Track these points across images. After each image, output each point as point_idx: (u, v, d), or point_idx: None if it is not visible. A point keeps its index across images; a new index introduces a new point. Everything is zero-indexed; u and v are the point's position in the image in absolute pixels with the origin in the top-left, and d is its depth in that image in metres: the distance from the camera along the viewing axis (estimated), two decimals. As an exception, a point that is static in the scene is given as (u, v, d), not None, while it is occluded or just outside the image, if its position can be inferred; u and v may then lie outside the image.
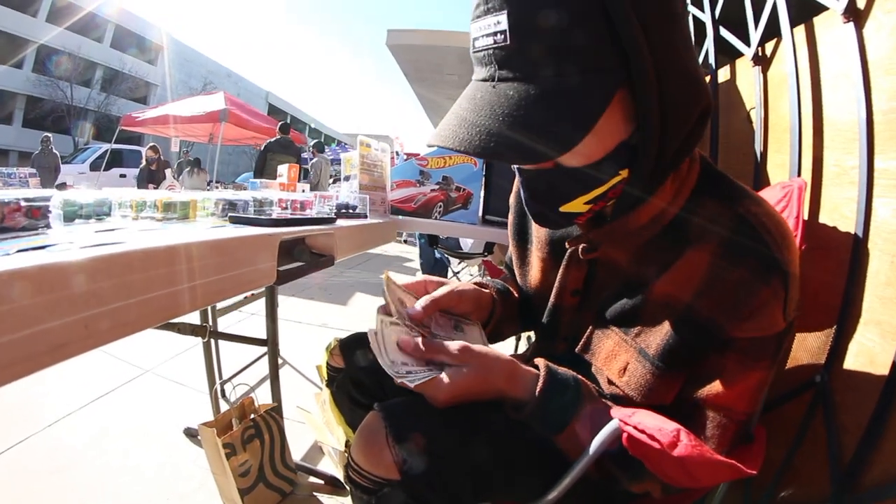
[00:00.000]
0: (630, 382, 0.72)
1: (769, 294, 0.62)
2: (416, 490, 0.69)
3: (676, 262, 0.69)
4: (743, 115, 1.60)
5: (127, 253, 0.47)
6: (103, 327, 0.44)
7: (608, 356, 0.76)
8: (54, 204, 0.66)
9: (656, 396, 0.71)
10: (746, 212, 0.65)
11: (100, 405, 2.16)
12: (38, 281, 0.39)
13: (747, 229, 0.64)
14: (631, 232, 0.73)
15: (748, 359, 0.66)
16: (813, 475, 1.07)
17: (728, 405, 0.67)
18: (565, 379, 0.73)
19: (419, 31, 7.73)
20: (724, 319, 0.64)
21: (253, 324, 3.34)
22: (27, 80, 23.22)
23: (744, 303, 0.62)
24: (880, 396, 0.91)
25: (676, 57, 0.59)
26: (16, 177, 1.47)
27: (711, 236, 0.66)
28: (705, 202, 0.69)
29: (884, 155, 0.99)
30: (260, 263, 0.74)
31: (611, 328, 0.76)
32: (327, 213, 1.19)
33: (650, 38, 0.54)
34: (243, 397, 1.63)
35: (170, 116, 9.25)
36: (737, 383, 0.67)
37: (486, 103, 0.59)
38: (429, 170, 1.73)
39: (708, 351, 0.67)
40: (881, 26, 1.02)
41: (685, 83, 0.60)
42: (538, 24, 0.53)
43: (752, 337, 0.64)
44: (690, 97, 0.62)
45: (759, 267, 0.62)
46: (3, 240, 0.56)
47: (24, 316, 0.38)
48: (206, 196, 0.97)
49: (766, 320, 0.63)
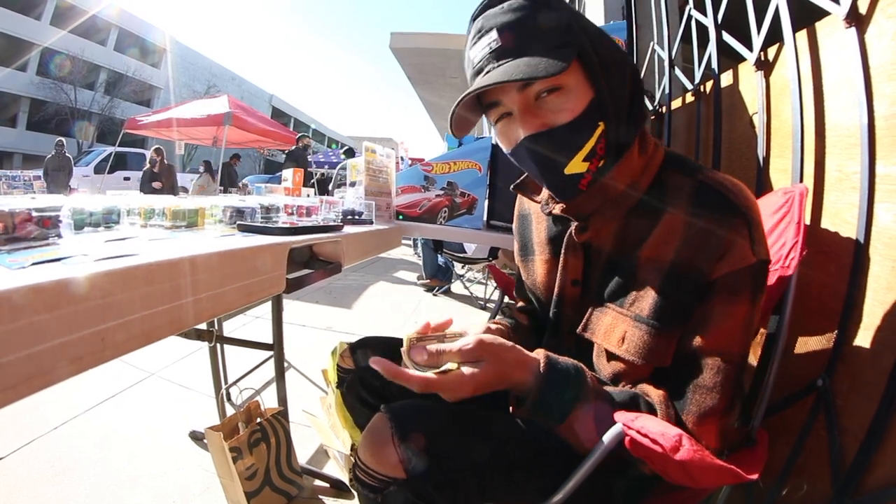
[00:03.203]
0: (629, 348, 0.79)
1: (734, 232, 0.72)
2: (422, 489, 0.72)
3: (655, 229, 0.79)
4: (746, 120, 1.60)
5: (140, 266, 0.48)
6: (119, 339, 0.45)
7: (607, 330, 0.83)
8: (64, 213, 0.67)
9: (655, 356, 0.77)
10: (704, 177, 0.78)
11: (105, 408, 2.18)
12: (56, 295, 0.40)
13: (708, 189, 0.77)
14: (613, 200, 0.83)
15: (730, 296, 0.73)
16: (815, 477, 1.07)
17: (722, 348, 0.74)
18: (566, 368, 0.76)
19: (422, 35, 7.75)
20: (703, 264, 0.74)
21: (258, 327, 3.35)
22: (31, 82, 23.31)
23: (715, 244, 0.73)
24: (881, 400, 0.92)
25: (602, 41, 0.77)
26: (20, 179, 1.47)
27: (681, 200, 0.78)
28: (671, 175, 0.82)
29: (885, 160, 0.99)
30: (269, 273, 0.75)
31: (607, 306, 0.84)
32: (333, 219, 1.20)
33: (585, 29, 0.75)
34: (249, 401, 1.64)
35: (173, 120, 9.24)
36: (725, 324, 0.74)
37: (496, 70, 0.74)
38: (433, 175, 1.73)
39: (695, 300, 0.75)
40: (883, 31, 1.02)
41: (611, 54, 0.77)
42: (517, 28, 0.73)
43: (727, 273, 0.73)
44: (618, 61, 0.78)
45: (721, 212, 0.74)
46: (16, 250, 0.57)
47: (43, 330, 0.39)
48: (213, 203, 0.98)
49: (737, 255, 0.72)
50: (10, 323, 0.37)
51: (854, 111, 1.07)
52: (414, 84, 9.37)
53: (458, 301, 4.92)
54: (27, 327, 0.38)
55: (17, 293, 0.37)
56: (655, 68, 2.65)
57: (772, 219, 1.02)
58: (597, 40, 0.76)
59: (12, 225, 0.61)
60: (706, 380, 0.73)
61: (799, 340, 1.17)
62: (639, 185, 0.82)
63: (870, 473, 0.94)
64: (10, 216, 0.61)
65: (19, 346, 0.37)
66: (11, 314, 0.37)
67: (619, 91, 0.77)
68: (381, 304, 4.59)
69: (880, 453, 0.93)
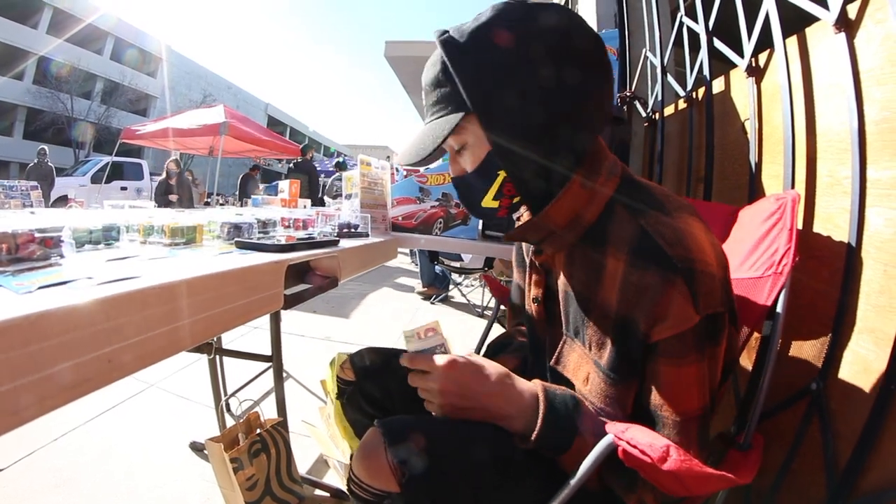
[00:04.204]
0: (592, 391, 0.79)
1: (673, 291, 0.67)
2: (416, 501, 0.74)
3: (604, 270, 0.76)
4: (738, 126, 1.61)
5: (144, 290, 0.50)
6: (125, 360, 0.47)
7: (575, 367, 0.84)
8: (66, 234, 0.68)
9: (615, 404, 0.76)
10: (646, 223, 0.73)
11: (106, 419, 2.17)
12: (64, 321, 0.41)
13: (647, 239, 0.71)
14: (556, 231, 0.83)
15: (675, 358, 0.70)
16: (809, 481, 1.08)
17: (678, 407, 0.71)
18: (563, 400, 0.79)
19: (417, 43, 7.75)
20: (643, 323, 0.70)
21: (256, 337, 3.34)
22: (28, 91, 23.28)
23: (654, 303, 0.69)
24: (875, 403, 0.93)
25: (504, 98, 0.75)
26: (17, 189, 1.47)
27: (622, 245, 0.74)
28: (618, 212, 0.79)
29: (876, 165, 1.00)
30: (268, 290, 0.76)
31: (575, 341, 0.84)
32: (329, 232, 1.21)
33: (488, 86, 0.75)
34: (249, 412, 1.64)
35: (170, 129, 9.14)
36: (675, 385, 0.71)
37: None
38: (428, 187, 1.75)
39: (642, 359, 0.72)
40: (872, 37, 1.03)
41: (512, 114, 0.76)
42: (430, 89, 0.84)
43: (669, 336, 0.69)
44: (531, 108, 0.75)
45: (659, 270, 0.69)
46: (20, 272, 0.58)
47: (53, 354, 0.40)
48: (211, 219, 0.99)
49: (677, 317, 0.68)
50: (21, 348, 0.38)
51: (844, 116, 1.08)
52: (409, 92, 9.36)
53: (455, 309, 4.91)
54: (38, 352, 0.39)
55: (27, 320, 0.38)
56: (648, 75, 2.66)
57: (764, 225, 1.03)
58: (507, 88, 0.75)
59: (15, 245, 0.62)
60: (671, 436, 0.71)
61: (793, 345, 1.18)
62: (584, 218, 0.81)
63: (864, 476, 0.95)
64: (13, 237, 0.62)
65: (31, 370, 0.39)
66: (23, 340, 0.38)
67: (530, 140, 0.77)
68: (379, 313, 4.58)
69: (874, 456, 0.94)
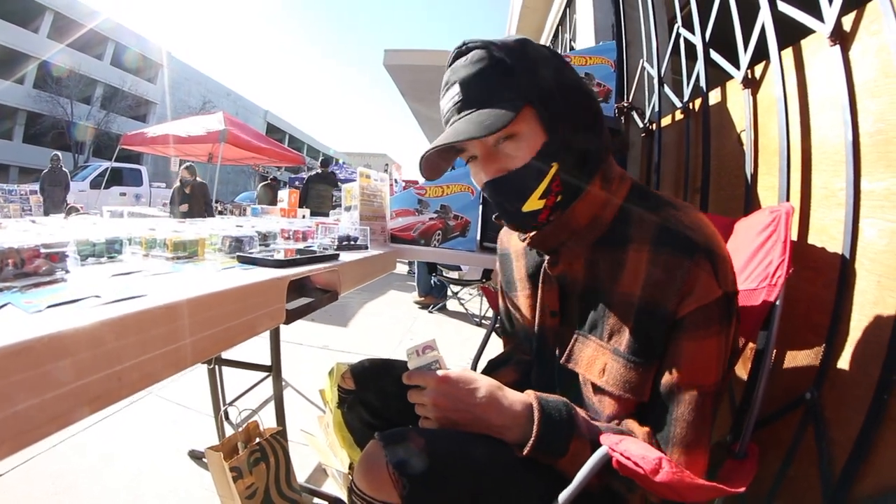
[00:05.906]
0: (609, 380, 0.83)
1: (696, 267, 0.75)
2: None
3: (624, 266, 0.82)
4: (734, 138, 1.63)
5: (151, 310, 0.51)
6: (134, 378, 0.48)
7: (589, 361, 0.87)
8: (70, 249, 0.69)
9: (635, 389, 0.80)
10: (665, 217, 0.81)
11: (105, 426, 2.17)
12: (76, 341, 0.43)
13: (667, 228, 0.79)
14: (578, 233, 0.88)
15: (699, 331, 0.76)
16: (806, 487, 1.09)
17: (697, 381, 0.76)
18: (557, 406, 0.81)
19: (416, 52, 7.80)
20: (669, 302, 0.76)
21: (255, 346, 3.32)
22: (28, 95, 23.23)
23: (679, 280, 0.75)
24: (868, 411, 0.94)
25: (560, 87, 0.81)
26: (17, 193, 1.48)
27: (644, 237, 0.81)
28: (635, 209, 0.85)
29: (870, 176, 1.01)
30: (270, 306, 0.78)
31: (589, 337, 0.88)
32: (329, 244, 1.22)
33: (540, 79, 0.79)
34: (248, 421, 1.65)
35: (169, 136, 9.08)
36: (698, 358, 0.77)
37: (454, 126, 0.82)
38: (427, 199, 1.77)
39: (666, 338, 0.78)
40: (867, 49, 1.04)
41: (569, 98, 0.81)
42: (474, 83, 0.80)
43: (694, 309, 0.75)
44: (576, 103, 0.82)
45: (681, 249, 0.76)
46: (27, 287, 0.59)
47: (64, 374, 0.41)
48: (212, 232, 1.00)
49: (703, 290, 0.75)
50: (33, 369, 0.39)
51: (839, 128, 1.10)
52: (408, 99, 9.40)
53: (453, 318, 4.92)
54: (49, 372, 0.40)
55: (39, 342, 0.39)
56: (645, 85, 2.68)
57: (758, 238, 1.04)
58: (554, 87, 0.80)
59: (21, 261, 0.63)
60: (686, 414, 0.76)
61: (787, 355, 1.19)
62: (602, 219, 0.87)
63: (859, 484, 0.96)
64: (19, 252, 0.63)
65: (42, 391, 0.40)
66: (35, 361, 0.39)
67: (574, 133, 0.82)
68: (377, 322, 4.57)
69: (868, 464, 0.95)
